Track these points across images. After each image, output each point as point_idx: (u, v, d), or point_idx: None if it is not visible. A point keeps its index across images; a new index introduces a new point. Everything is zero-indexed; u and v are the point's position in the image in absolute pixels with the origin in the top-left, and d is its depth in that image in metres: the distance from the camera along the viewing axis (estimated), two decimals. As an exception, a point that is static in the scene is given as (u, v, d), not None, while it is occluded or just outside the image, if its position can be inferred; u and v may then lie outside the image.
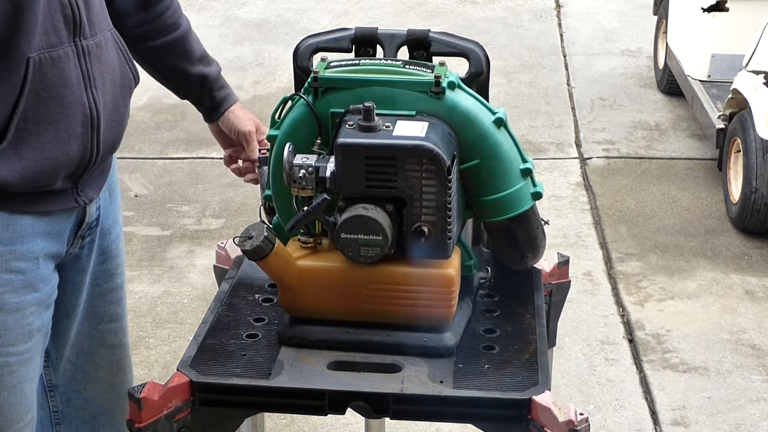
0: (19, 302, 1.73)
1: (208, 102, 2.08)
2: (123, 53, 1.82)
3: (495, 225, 1.74)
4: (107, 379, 2.04)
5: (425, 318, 1.66)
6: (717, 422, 3.26)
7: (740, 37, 4.97)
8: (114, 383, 2.05)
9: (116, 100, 1.78)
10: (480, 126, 1.65)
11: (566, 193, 4.89)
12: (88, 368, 2.00)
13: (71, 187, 1.75)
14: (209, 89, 2.07)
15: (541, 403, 1.52)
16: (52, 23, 1.63)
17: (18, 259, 1.71)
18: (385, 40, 1.81)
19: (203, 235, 4.50)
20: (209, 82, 2.06)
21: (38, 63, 1.61)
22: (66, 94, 1.65)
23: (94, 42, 1.71)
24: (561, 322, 2.13)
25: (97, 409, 2.05)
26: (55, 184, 1.69)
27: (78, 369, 1.99)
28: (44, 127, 1.64)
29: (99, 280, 1.95)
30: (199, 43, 2.07)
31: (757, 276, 4.16)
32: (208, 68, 2.06)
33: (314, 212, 1.61)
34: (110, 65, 1.76)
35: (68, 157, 1.68)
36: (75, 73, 1.66)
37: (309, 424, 3.22)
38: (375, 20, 7.37)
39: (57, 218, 1.76)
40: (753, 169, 4.31)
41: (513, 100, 6.04)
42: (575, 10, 7.75)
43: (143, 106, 5.90)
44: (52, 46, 1.63)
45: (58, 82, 1.64)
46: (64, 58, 1.65)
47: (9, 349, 1.75)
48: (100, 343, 2.00)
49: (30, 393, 1.82)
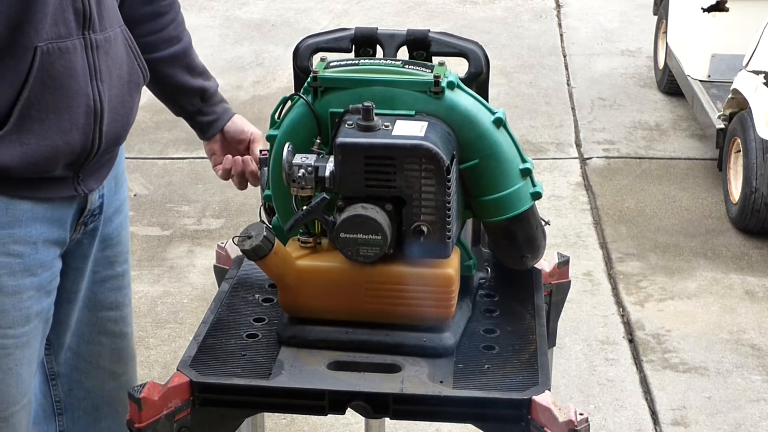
0: (17, 285, 1.75)
1: (206, 117, 2.08)
2: (132, 50, 1.84)
3: (494, 225, 1.74)
4: (108, 368, 2.05)
5: (425, 318, 1.66)
6: (717, 422, 3.26)
7: (740, 37, 4.97)
8: (115, 373, 2.06)
9: (122, 95, 1.81)
10: (479, 126, 1.65)
11: (566, 193, 4.89)
12: (89, 356, 2.02)
13: (71, 176, 1.77)
14: (209, 103, 2.08)
15: (541, 403, 1.52)
16: (63, 15, 1.66)
17: (16, 243, 1.74)
18: (385, 40, 1.81)
19: (203, 235, 4.50)
20: (209, 96, 2.07)
21: (46, 52, 1.64)
22: (71, 85, 1.68)
23: (103, 36, 1.74)
24: (561, 322, 2.13)
25: (98, 400, 2.06)
26: (55, 171, 1.72)
27: (79, 357, 2.01)
28: (47, 114, 1.67)
29: (98, 266, 1.97)
30: (198, 58, 2.09)
31: (757, 276, 4.16)
32: (208, 82, 2.08)
33: (313, 212, 1.61)
34: (118, 60, 1.79)
35: (69, 146, 1.71)
36: (81, 65, 1.69)
37: (309, 424, 3.22)
38: (375, 20, 7.37)
39: (57, 205, 1.78)
40: (753, 169, 4.31)
41: (513, 100, 6.04)
42: (575, 10, 7.75)
43: (143, 106, 5.85)
44: (61, 37, 1.66)
45: (64, 73, 1.67)
46: (72, 50, 1.68)
47: (6, 332, 1.77)
48: (100, 330, 2.01)
49: (27, 377, 1.84)
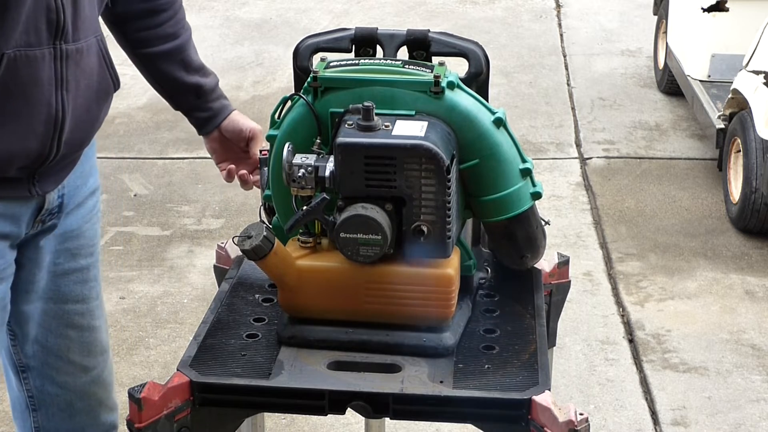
0: None
1: (202, 113, 2.08)
2: (105, 59, 1.83)
3: (494, 225, 1.74)
4: (78, 362, 2.05)
5: (424, 318, 1.66)
6: (717, 422, 3.26)
7: (740, 37, 4.97)
8: (86, 367, 2.07)
9: (88, 104, 1.80)
10: (479, 126, 1.65)
11: (566, 193, 4.89)
12: (57, 350, 2.03)
13: (26, 178, 1.78)
14: (204, 100, 2.07)
15: (541, 403, 1.52)
16: (35, 24, 1.66)
17: None
18: (385, 40, 1.81)
19: (203, 235, 4.50)
20: (204, 92, 2.06)
21: (12, 59, 1.65)
22: (34, 93, 1.69)
23: (75, 47, 1.73)
24: (561, 322, 2.13)
25: (71, 395, 2.07)
26: (8, 172, 1.73)
27: (48, 351, 2.02)
28: (6, 119, 1.68)
29: (60, 259, 1.97)
30: (197, 54, 2.08)
31: (757, 276, 4.16)
32: (204, 79, 2.06)
33: (313, 212, 1.61)
34: (88, 70, 1.78)
35: (25, 151, 1.72)
36: (48, 74, 1.70)
37: (309, 424, 3.22)
38: (375, 20, 7.37)
39: (12, 203, 1.80)
40: (753, 169, 4.31)
41: (513, 100, 6.04)
42: (575, 10, 7.75)
43: (143, 106, 5.90)
44: (30, 45, 1.66)
45: (29, 81, 1.68)
46: (40, 59, 1.68)
47: None
48: (67, 323, 2.02)
49: None
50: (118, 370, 3.47)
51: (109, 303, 3.91)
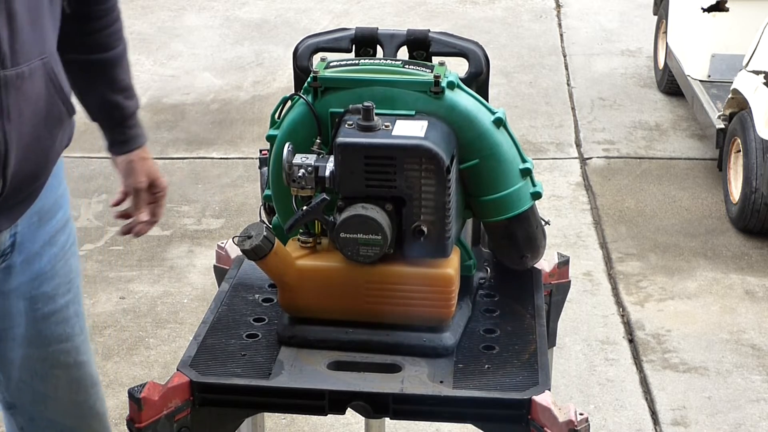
0: None
1: (117, 136, 1.99)
2: (54, 83, 1.68)
3: (494, 225, 1.74)
4: (68, 398, 1.98)
5: (424, 318, 1.66)
6: (717, 422, 3.26)
7: (740, 37, 4.97)
8: (76, 401, 2.00)
9: (37, 132, 1.65)
10: (479, 126, 1.65)
11: (566, 193, 4.89)
12: (45, 390, 1.95)
13: None
14: (121, 124, 1.98)
15: (541, 403, 1.52)
16: None
17: None
18: (385, 40, 1.82)
19: (203, 235, 4.50)
20: (124, 116, 1.97)
21: None
22: None
23: (15, 73, 1.57)
24: (561, 322, 2.13)
25: (62, 428, 2.00)
26: None
27: (35, 391, 1.94)
28: None
29: (39, 304, 1.86)
30: (127, 74, 1.97)
31: (757, 276, 4.16)
32: (127, 102, 1.97)
33: (313, 212, 1.61)
34: (32, 96, 1.62)
35: None
36: None
37: (309, 424, 3.21)
38: (375, 20, 7.37)
39: None
40: (753, 169, 4.31)
41: (513, 100, 6.04)
42: (575, 10, 7.75)
43: (143, 106, 5.86)
44: None
45: None
46: None
47: None
48: (53, 364, 1.93)
49: None
50: (119, 370, 3.48)
51: (109, 303, 3.92)
